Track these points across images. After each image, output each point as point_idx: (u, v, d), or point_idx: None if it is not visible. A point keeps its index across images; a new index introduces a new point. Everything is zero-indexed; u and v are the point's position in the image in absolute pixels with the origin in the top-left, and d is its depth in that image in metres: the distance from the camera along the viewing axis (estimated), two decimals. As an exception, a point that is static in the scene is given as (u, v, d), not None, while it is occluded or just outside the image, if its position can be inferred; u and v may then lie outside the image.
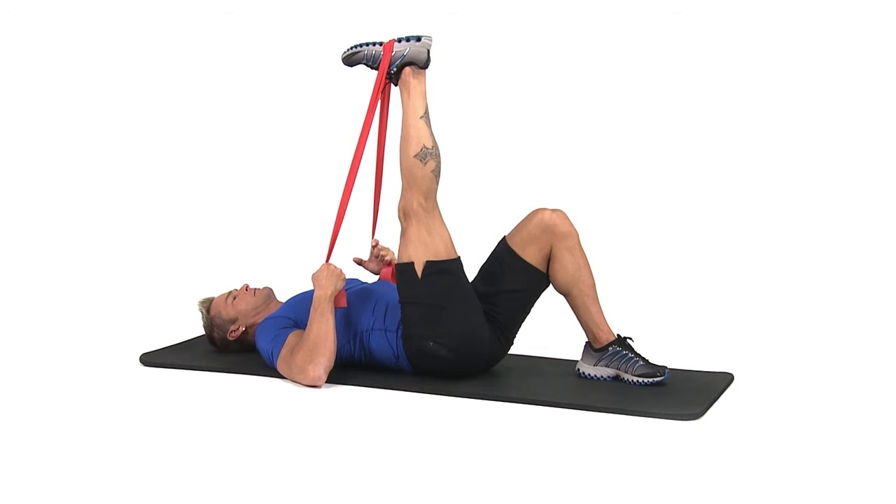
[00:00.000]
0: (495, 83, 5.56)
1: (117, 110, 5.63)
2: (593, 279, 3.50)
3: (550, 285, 3.55)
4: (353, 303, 3.58)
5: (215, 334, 3.80)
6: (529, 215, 3.53)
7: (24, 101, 5.53)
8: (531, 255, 3.50)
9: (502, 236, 3.58)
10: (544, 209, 3.51)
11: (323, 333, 3.41)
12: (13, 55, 5.53)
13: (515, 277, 3.51)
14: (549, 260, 3.51)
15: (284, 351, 3.48)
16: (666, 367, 3.43)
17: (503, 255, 3.54)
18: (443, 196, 3.48)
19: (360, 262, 3.76)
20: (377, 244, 3.73)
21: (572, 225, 3.50)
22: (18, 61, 5.54)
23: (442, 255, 3.45)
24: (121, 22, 5.62)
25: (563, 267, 3.49)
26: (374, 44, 3.53)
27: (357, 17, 5.46)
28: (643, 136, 5.46)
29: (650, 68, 5.47)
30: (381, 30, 3.78)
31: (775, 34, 5.33)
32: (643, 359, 3.44)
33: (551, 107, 5.51)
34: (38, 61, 5.56)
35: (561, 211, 3.51)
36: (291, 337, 3.51)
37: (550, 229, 3.48)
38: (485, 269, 3.58)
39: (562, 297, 3.54)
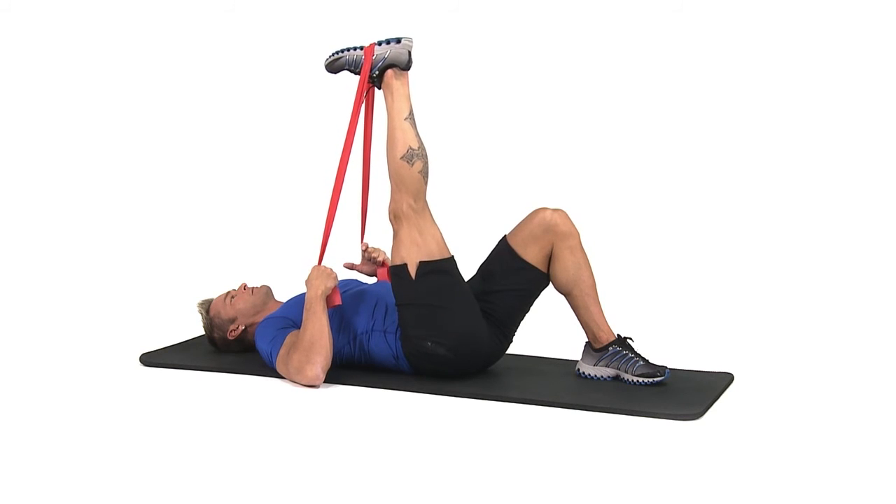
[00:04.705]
0: (495, 82, 5.55)
1: (116, 109, 5.62)
2: (594, 279, 3.50)
3: (550, 285, 3.55)
4: (352, 304, 3.58)
5: (215, 335, 3.80)
6: (531, 215, 3.53)
7: (23, 99, 5.52)
8: (532, 254, 3.50)
9: (503, 235, 3.58)
10: (546, 209, 3.51)
11: (317, 333, 3.41)
12: (11, 53, 5.52)
13: (515, 276, 3.51)
14: (549, 259, 3.51)
15: (282, 351, 3.48)
16: (666, 367, 3.43)
17: (503, 254, 3.54)
18: (443, 196, 3.48)
19: (351, 267, 3.74)
20: (367, 247, 3.73)
21: (573, 225, 3.50)
22: (17, 59, 5.53)
23: (435, 254, 3.45)
24: (119, 20, 5.61)
25: (564, 267, 3.48)
26: (355, 48, 3.52)
27: (356, 16, 5.45)
28: (643, 136, 5.46)
29: (650, 66, 5.46)
30: (380, 29, 3.78)
31: (775, 32, 5.32)
32: (643, 359, 3.44)
33: (552, 105, 5.51)
34: (36, 59, 5.55)
35: (562, 211, 3.51)
36: (289, 337, 3.50)
37: (552, 229, 3.48)
38: (484, 268, 3.58)
39: (562, 297, 3.54)
